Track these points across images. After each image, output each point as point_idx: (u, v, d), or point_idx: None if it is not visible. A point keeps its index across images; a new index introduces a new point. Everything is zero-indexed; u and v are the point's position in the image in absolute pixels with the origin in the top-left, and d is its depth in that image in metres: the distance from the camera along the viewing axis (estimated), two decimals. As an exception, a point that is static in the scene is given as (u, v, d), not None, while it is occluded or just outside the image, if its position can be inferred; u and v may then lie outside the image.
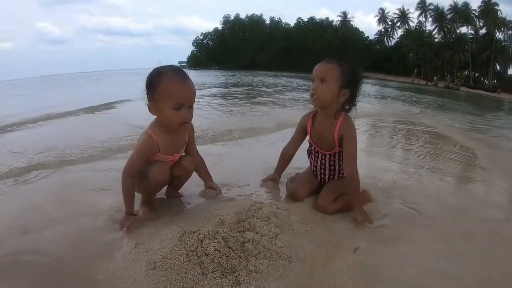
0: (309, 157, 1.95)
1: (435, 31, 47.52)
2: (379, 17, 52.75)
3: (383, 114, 6.35)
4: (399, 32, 51.10)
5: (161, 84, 1.44)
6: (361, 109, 5.56)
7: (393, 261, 1.35)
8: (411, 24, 50.12)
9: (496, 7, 42.09)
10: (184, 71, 1.52)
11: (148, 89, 1.49)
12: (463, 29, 45.72)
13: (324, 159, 1.84)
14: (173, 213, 1.63)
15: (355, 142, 1.73)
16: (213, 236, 1.26)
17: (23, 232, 1.48)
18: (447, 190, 2.31)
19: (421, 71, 44.17)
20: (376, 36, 52.42)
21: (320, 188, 1.87)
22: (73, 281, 1.18)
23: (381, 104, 9.29)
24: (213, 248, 1.20)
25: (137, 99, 1.71)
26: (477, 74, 46.49)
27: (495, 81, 43.72)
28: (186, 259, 1.17)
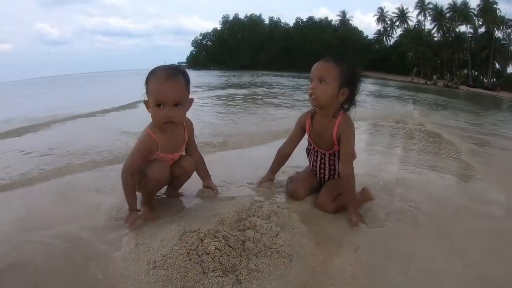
0: (308, 156, 1.94)
1: (434, 30, 47.60)
2: (378, 16, 52.82)
3: (386, 117, 6.05)
4: (398, 31, 51.17)
5: (149, 82, 1.48)
6: (363, 110, 5.54)
7: (394, 259, 1.35)
8: (410, 23, 50.17)
9: (495, 6, 42.15)
10: (177, 71, 1.49)
11: (145, 85, 1.51)
12: (462, 28, 45.80)
13: (324, 159, 1.83)
14: (173, 213, 1.63)
15: (353, 142, 1.71)
16: (214, 235, 1.25)
17: (24, 231, 1.48)
18: (447, 188, 2.31)
19: (420, 70, 44.16)
20: (375, 36, 52.43)
21: (320, 186, 1.87)
22: (73, 280, 1.17)
23: (385, 104, 9.08)
24: (214, 247, 1.20)
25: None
26: (476, 73, 46.49)
27: (494, 80, 43.70)
28: (187, 258, 1.17)
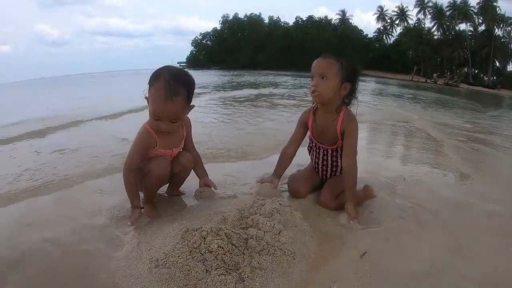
0: (310, 153, 1.94)
1: (434, 28, 47.43)
2: (378, 15, 52.75)
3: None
4: (398, 30, 51.09)
5: (151, 90, 1.46)
6: (372, 110, 5.41)
7: (397, 256, 1.35)
8: (410, 22, 50.06)
9: (495, 4, 42.01)
10: (178, 87, 1.43)
11: (149, 82, 1.49)
12: (462, 26, 45.65)
13: (326, 155, 1.83)
14: (175, 211, 1.62)
15: (357, 136, 1.73)
16: (216, 233, 1.25)
17: (26, 231, 1.48)
18: (449, 185, 2.30)
19: (420, 69, 44.12)
20: (375, 34, 52.35)
21: (322, 184, 1.87)
22: (75, 279, 1.17)
23: (390, 104, 8.67)
24: (216, 245, 1.19)
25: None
26: (476, 71, 46.39)
27: (494, 78, 43.60)
28: (189, 256, 1.16)
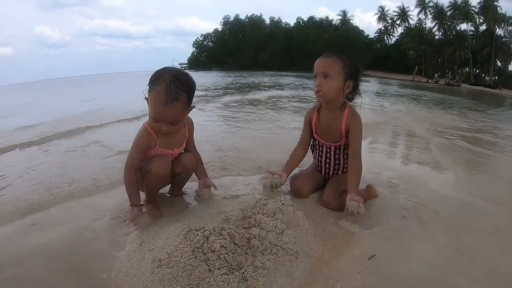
0: (313, 152, 1.94)
1: (435, 28, 47.35)
2: (379, 15, 52.70)
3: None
4: (399, 30, 51.03)
5: (152, 91, 1.44)
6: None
7: (399, 256, 1.34)
8: (411, 22, 49.99)
9: (496, 3, 41.87)
10: (178, 91, 1.42)
11: (149, 84, 1.47)
12: (463, 26, 45.54)
13: (329, 153, 1.83)
14: (177, 211, 1.62)
15: (361, 133, 1.74)
16: (219, 233, 1.24)
17: (29, 232, 1.48)
18: (450, 185, 2.29)
19: (421, 69, 44.03)
20: (376, 35, 52.31)
21: (325, 183, 1.86)
22: (78, 279, 1.17)
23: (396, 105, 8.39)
24: (219, 244, 1.19)
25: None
26: (478, 71, 46.26)
27: (496, 78, 43.47)
28: (192, 256, 1.16)
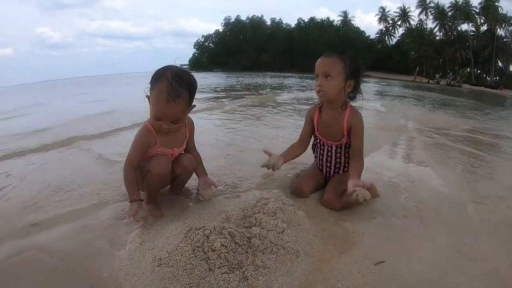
0: (314, 151, 1.94)
1: (436, 28, 47.30)
2: (379, 16, 52.70)
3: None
4: (400, 31, 51.02)
5: (154, 90, 1.43)
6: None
7: (401, 255, 1.34)
8: (412, 23, 49.97)
9: (497, 4, 41.80)
10: (181, 89, 1.42)
11: (151, 82, 1.47)
12: (464, 26, 45.47)
13: (331, 152, 1.83)
14: (177, 211, 1.62)
15: (363, 133, 1.74)
16: (220, 232, 1.24)
17: (30, 231, 1.48)
18: (451, 184, 2.28)
19: (422, 69, 43.98)
20: (377, 35, 52.31)
21: (325, 183, 1.86)
22: (79, 279, 1.17)
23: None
24: (220, 243, 1.19)
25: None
26: (479, 71, 46.17)
27: (497, 78, 43.37)
28: (193, 255, 1.16)
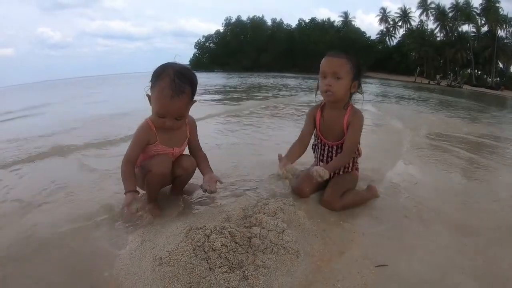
0: (315, 152, 1.94)
1: (437, 29, 47.33)
2: (380, 16, 52.71)
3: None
4: (401, 32, 51.04)
5: (156, 87, 1.43)
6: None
7: (401, 255, 1.34)
8: (413, 23, 49.98)
9: (498, 5, 41.81)
10: (184, 85, 1.42)
11: (151, 80, 1.47)
12: (465, 27, 45.48)
13: (331, 152, 1.83)
14: (178, 211, 1.62)
15: (360, 133, 1.76)
16: (220, 232, 1.25)
17: (31, 231, 1.48)
18: (452, 184, 2.29)
19: (423, 70, 43.97)
20: (378, 36, 52.30)
21: (326, 183, 1.85)
22: (79, 278, 1.17)
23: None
24: (220, 243, 1.19)
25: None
26: (479, 72, 46.16)
27: (497, 79, 43.35)
28: (193, 254, 1.16)
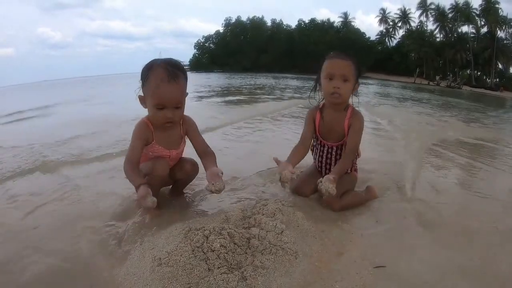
0: (313, 153, 1.94)
1: (437, 30, 47.35)
2: (380, 17, 52.73)
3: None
4: (401, 32, 51.07)
5: (148, 80, 1.41)
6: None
7: (400, 256, 1.35)
8: (412, 24, 50.02)
9: (497, 6, 41.85)
10: (177, 70, 1.42)
11: (141, 80, 1.46)
12: (465, 28, 45.50)
13: (330, 153, 1.84)
14: (178, 211, 1.63)
15: (360, 135, 1.75)
16: (219, 232, 1.25)
17: (31, 231, 1.49)
18: (451, 185, 2.29)
19: (423, 71, 44.00)
20: (378, 37, 52.32)
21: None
22: (79, 278, 1.18)
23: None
24: (219, 244, 1.20)
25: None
26: (479, 73, 46.18)
27: (497, 80, 43.38)
28: (192, 255, 1.17)
